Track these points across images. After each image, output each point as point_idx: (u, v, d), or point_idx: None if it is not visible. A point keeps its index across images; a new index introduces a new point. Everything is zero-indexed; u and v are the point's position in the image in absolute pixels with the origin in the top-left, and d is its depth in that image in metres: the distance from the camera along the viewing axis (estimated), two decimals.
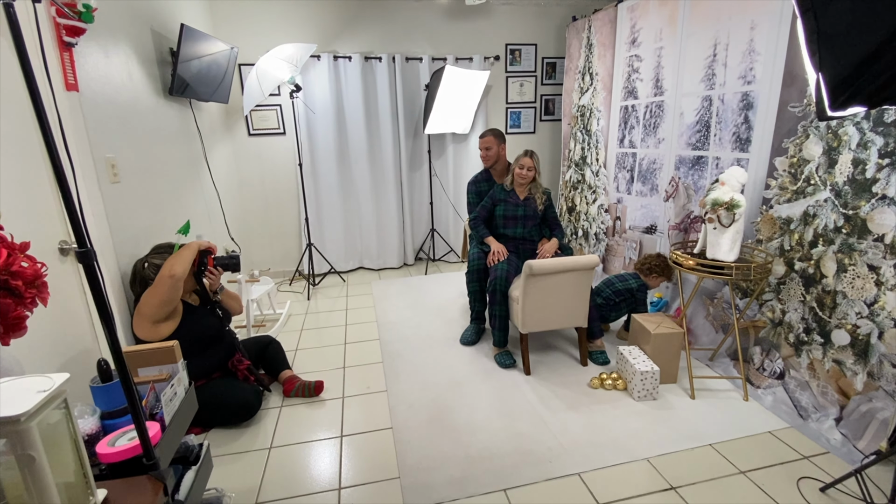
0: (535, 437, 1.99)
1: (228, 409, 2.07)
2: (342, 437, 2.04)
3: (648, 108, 3.09)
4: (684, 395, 2.27)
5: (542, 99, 4.60)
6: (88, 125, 1.86)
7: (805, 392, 2.10)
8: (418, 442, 1.98)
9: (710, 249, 2.18)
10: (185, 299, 2.09)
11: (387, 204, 4.40)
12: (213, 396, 2.01)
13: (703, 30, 2.58)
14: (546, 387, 2.38)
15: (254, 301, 3.16)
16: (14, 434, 0.75)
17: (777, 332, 2.26)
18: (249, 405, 2.11)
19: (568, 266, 2.37)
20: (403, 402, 2.27)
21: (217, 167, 3.46)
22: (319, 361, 2.73)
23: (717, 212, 2.09)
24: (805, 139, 2.09)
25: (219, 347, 2.14)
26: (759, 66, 2.26)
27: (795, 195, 2.15)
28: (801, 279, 2.14)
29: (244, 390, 2.12)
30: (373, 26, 4.04)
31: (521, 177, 2.77)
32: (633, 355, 2.32)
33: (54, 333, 1.61)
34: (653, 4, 2.97)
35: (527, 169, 2.75)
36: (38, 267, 1.06)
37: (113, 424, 1.12)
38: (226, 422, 2.12)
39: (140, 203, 2.27)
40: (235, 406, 2.08)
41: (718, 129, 2.54)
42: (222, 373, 2.18)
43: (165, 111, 2.69)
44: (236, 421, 2.12)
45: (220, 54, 3.11)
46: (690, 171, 2.76)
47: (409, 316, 3.34)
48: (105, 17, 2.06)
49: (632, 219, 3.36)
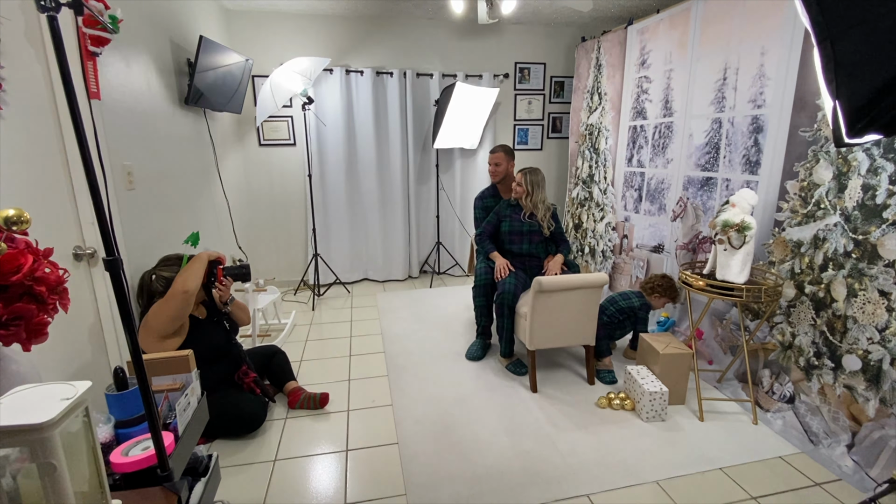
0: (542, 457, 1.97)
1: (234, 420, 2.05)
2: (347, 452, 2.02)
3: (657, 128, 3.12)
4: (693, 416, 2.25)
5: (550, 117, 4.65)
6: (107, 133, 1.89)
7: (816, 417, 2.08)
8: (425, 458, 1.96)
9: (721, 271, 2.19)
10: (192, 312, 2.06)
11: (393, 216, 4.42)
12: (218, 408, 1.99)
13: (713, 54, 2.62)
14: (553, 405, 2.36)
15: (260, 310, 3.15)
16: (37, 442, 0.75)
17: (787, 355, 2.25)
18: (255, 417, 2.09)
19: (577, 283, 2.37)
20: (409, 417, 2.25)
21: (227, 176, 3.48)
22: (324, 373, 2.71)
23: (728, 233, 2.10)
24: (815, 163, 2.11)
25: (226, 361, 2.13)
26: (770, 90, 2.29)
27: (806, 218, 2.16)
28: (811, 303, 2.13)
29: (250, 402, 2.10)
30: (385, 42, 4.11)
31: (515, 192, 2.81)
32: (641, 375, 2.31)
33: (67, 340, 1.61)
34: (663, 27, 3.03)
35: (516, 184, 2.79)
36: (60, 273, 1.07)
37: (126, 434, 1.12)
38: (231, 433, 2.10)
39: (152, 210, 2.28)
40: (241, 418, 2.06)
41: (728, 151, 2.56)
42: (228, 385, 2.16)
43: (181, 120, 2.73)
44: (242, 432, 2.10)
45: (236, 66, 3.16)
46: (699, 192, 2.78)
47: (415, 329, 3.33)
48: (128, 29, 2.10)
49: (639, 237, 3.37)
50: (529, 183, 2.74)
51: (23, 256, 0.95)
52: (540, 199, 2.77)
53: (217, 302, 2.12)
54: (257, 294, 3.20)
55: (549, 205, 2.84)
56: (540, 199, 2.77)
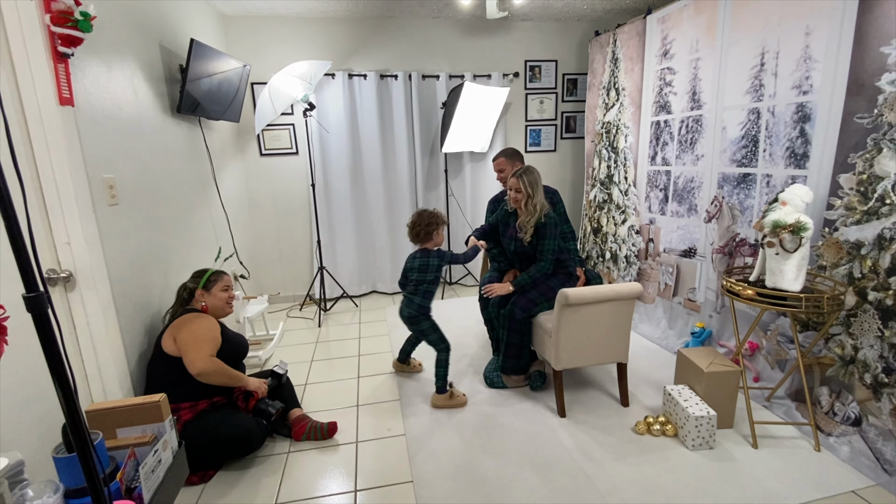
0: (579, 495, 1.72)
1: (227, 441, 1.84)
2: (356, 492, 1.79)
3: (684, 122, 2.89)
4: (745, 443, 1.99)
5: (563, 116, 4.43)
6: (84, 142, 1.70)
7: (889, 443, 1.81)
8: (443, 499, 1.73)
9: (771, 277, 1.93)
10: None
11: (401, 225, 4.20)
12: (207, 428, 1.81)
13: (748, 38, 2.38)
14: (585, 431, 2.11)
15: (249, 319, 3.03)
16: None
17: (849, 370, 1.99)
18: (250, 435, 1.88)
19: (608, 295, 2.13)
20: (424, 450, 2.02)
21: (227, 188, 3.31)
22: (331, 398, 2.49)
23: (781, 235, 1.85)
24: (877, 153, 1.85)
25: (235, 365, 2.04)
26: (818, 74, 2.04)
27: (867, 216, 1.91)
28: (876, 311, 1.87)
29: (244, 420, 1.91)
30: (388, 44, 3.93)
31: (513, 200, 2.40)
32: (683, 397, 2.06)
33: (18, 386, 1.39)
34: (687, 14, 2.80)
35: (514, 190, 2.37)
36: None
37: None
38: (224, 457, 1.91)
39: (141, 226, 2.09)
40: (234, 437, 1.85)
41: (768, 143, 2.32)
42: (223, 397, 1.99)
43: (173, 130, 2.55)
44: (237, 454, 1.91)
45: (232, 72, 3.00)
46: (735, 190, 2.53)
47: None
48: (108, 30, 1.93)
49: (667, 241, 3.12)
50: (529, 185, 2.33)
51: None
52: (539, 200, 2.36)
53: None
54: (246, 302, 3.05)
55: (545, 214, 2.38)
56: (539, 202, 2.36)
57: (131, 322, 1.95)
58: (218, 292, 2.09)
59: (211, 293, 2.07)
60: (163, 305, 2.21)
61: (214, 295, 2.08)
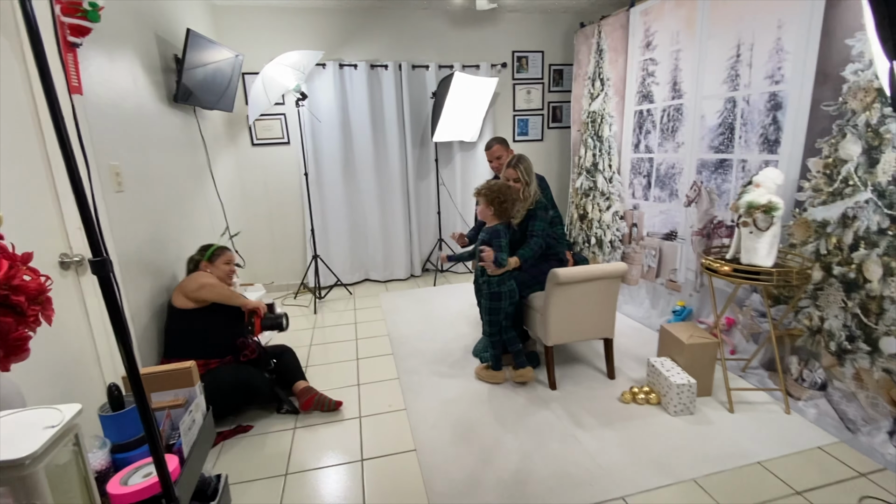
0: (570, 458, 1.86)
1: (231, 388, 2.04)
2: (363, 461, 1.90)
3: (666, 111, 3.02)
4: (722, 408, 2.15)
5: (550, 106, 4.54)
6: (92, 130, 1.75)
7: (852, 403, 1.99)
8: (445, 465, 1.85)
9: (746, 255, 2.09)
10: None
11: (393, 214, 4.30)
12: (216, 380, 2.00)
13: (725, 31, 2.52)
14: (575, 402, 2.25)
15: None
16: (17, 481, 0.63)
17: (816, 340, 2.16)
18: (251, 383, 2.09)
19: (595, 274, 2.27)
20: (425, 422, 2.14)
21: (221, 177, 3.35)
22: (331, 379, 2.59)
23: (754, 215, 2.00)
24: (841, 138, 2.01)
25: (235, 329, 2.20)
26: (789, 65, 2.19)
27: (832, 197, 2.07)
28: (840, 284, 2.04)
29: (249, 371, 2.11)
30: (379, 34, 3.98)
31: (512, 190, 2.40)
32: (665, 367, 2.21)
33: (53, 356, 1.47)
34: (668, 7, 2.92)
35: (512, 181, 2.44)
36: (42, 281, 0.94)
37: (124, 459, 0.99)
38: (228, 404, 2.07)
39: (143, 213, 2.15)
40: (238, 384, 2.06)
41: (744, 130, 2.47)
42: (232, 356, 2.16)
43: (170, 119, 2.59)
44: (240, 402, 2.12)
45: (226, 62, 3.03)
46: (713, 175, 2.68)
47: (422, 329, 3.22)
48: (110, 21, 1.96)
49: (650, 225, 3.27)
50: (525, 172, 2.45)
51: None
52: (534, 187, 2.46)
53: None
54: (244, 289, 3.13)
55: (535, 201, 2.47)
56: (534, 188, 2.46)
57: (137, 304, 2.01)
58: (221, 265, 2.31)
59: (215, 265, 2.29)
60: (164, 288, 2.27)
61: (218, 266, 2.29)
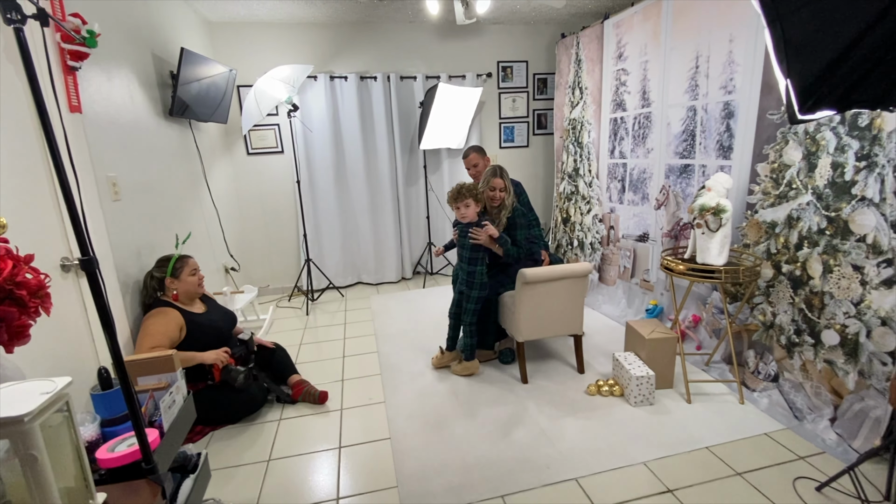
0: (532, 445, 2.00)
1: (232, 404, 2.17)
2: (340, 449, 2.05)
3: (637, 119, 3.17)
4: (681, 399, 2.28)
5: (535, 113, 4.70)
6: (91, 145, 1.92)
7: (799, 393, 2.12)
8: (416, 451, 1.99)
9: (700, 254, 2.23)
10: (189, 308, 2.20)
11: (384, 219, 4.46)
12: (217, 393, 2.13)
13: (685, 43, 2.67)
14: (544, 395, 2.39)
15: (239, 310, 3.24)
16: (17, 434, 0.78)
17: (769, 334, 2.29)
18: (253, 399, 2.23)
19: (561, 274, 2.41)
20: (402, 413, 2.28)
21: (216, 186, 3.52)
22: (318, 375, 2.74)
23: (705, 217, 2.14)
24: (785, 145, 2.15)
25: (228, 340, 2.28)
26: (739, 76, 2.34)
27: (779, 199, 2.21)
28: (789, 281, 2.18)
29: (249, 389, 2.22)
30: (368, 47, 4.16)
31: (495, 199, 2.53)
32: (628, 361, 2.34)
33: (55, 345, 1.64)
34: (637, 20, 3.08)
35: (499, 190, 2.52)
36: (42, 278, 1.10)
37: (113, 432, 1.15)
38: (230, 417, 2.22)
39: (140, 220, 2.31)
40: (239, 401, 2.19)
41: (703, 137, 2.61)
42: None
43: (166, 132, 2.76)
44: (241, 415, 2.24)
45: (220, 76, 3.21)
46: (679, 180, 2.83)
47: (407, 329, 3.36)
48: (107, 43, 2.14)
49: (625, 227, 3.41)
50: (508, 180, 2.56)
51: (2, 262, 0.98)
52: (513, 195, 2.58)
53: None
54: (235, 296, 3.29)
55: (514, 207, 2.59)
56: (513, 196, 2.58)
57: (132, 304, 2.18)
58: (187, 277, 2.19)
59: (180, 279, 2.17)
60: None
61: (184, 280, 2.18)
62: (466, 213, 2.42)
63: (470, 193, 2.39)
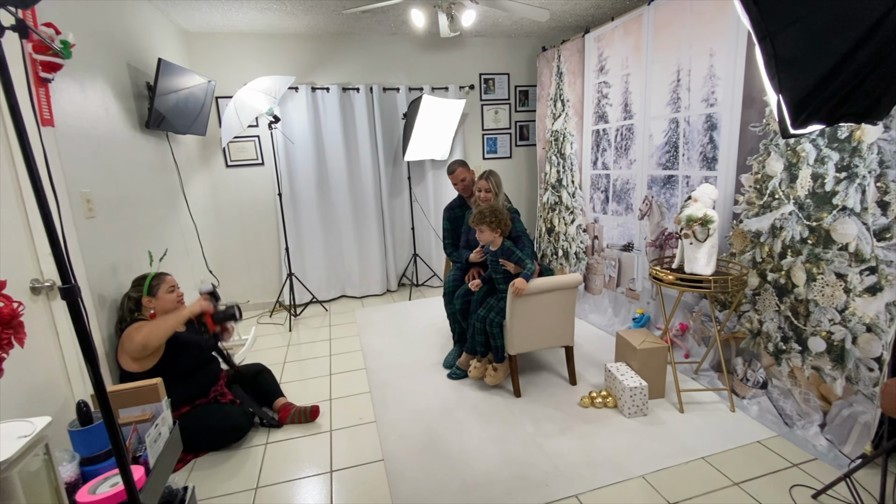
0: (529, 461, 1.96)
1: (217, 431, 2.06)
2: (332, 473, 1.97)
3: (619, 131, 3.22)
4: (673, 409, 2.29)
5: (517, 125, 4.74)
6: (63, 160, 1.83)
7: (788, 400, 2.15)
8: (411, 473, 1.93)
9: (688, 264, 2.25)
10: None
11: (368, 231, 4.40)
12: (200, 420, 2.02)
13: (667, 57, 2.73)
14: (537, 408, 2.36)
15: None
16: None
17: (756, 342, 2.33)
18: (238, 427, 2.12)
19: (552, 286, 2.40)
20: (394, 432, 2.22)
21: (195, 199, 3.41)
22: (304, 395, 2.65)
23: (693, 227, 2.17)
24: (767, 156, 2.21)
25: (205, 371, 2.17)
26: (720, 89, 2.40)
27: (762, 209, 2.26)
28: (774, 289, 2.22)
29: (233, 412, 2.12)
30: (350, 58, 4.13)
31: (483, 200, 2.73)
32: (620, 371, 2.34)
33: (25, 376, 1.53)
34: (618, 34, 3.14)
35: (484, 191, 2.72)
36: (15, 307, 1.02)
37: (93, 471, 1.06)
38: (214, 445, 2.11)
39: (116, 237, 2.21)
40: (224, 429, 2.08)
41: (686, 149, 2.67)
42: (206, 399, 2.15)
43: (142, 144, 2.66)
44: (225, 443, 2.12)
45: (198, 87, 3.12)
46: (662, 190, 2.87)
47: (395, 343, 3.30)
48: (81, 53, 2.05)
49: (609, 237, 3.45)
50: (496, 184, 2.73)
51: None
52: (501, 199, 2.76)
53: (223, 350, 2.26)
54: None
55: (510, 208, 2.79)
56: (501, 199, 2.76)
57: (109, 327, 2.06)
58: (164, 295, 2.10)
59: (158, 297, 2.09)
60: None
61: (161, 298, 2.09)
62: (481, 237, 2.49)
63: (483, 221, 2.44)
